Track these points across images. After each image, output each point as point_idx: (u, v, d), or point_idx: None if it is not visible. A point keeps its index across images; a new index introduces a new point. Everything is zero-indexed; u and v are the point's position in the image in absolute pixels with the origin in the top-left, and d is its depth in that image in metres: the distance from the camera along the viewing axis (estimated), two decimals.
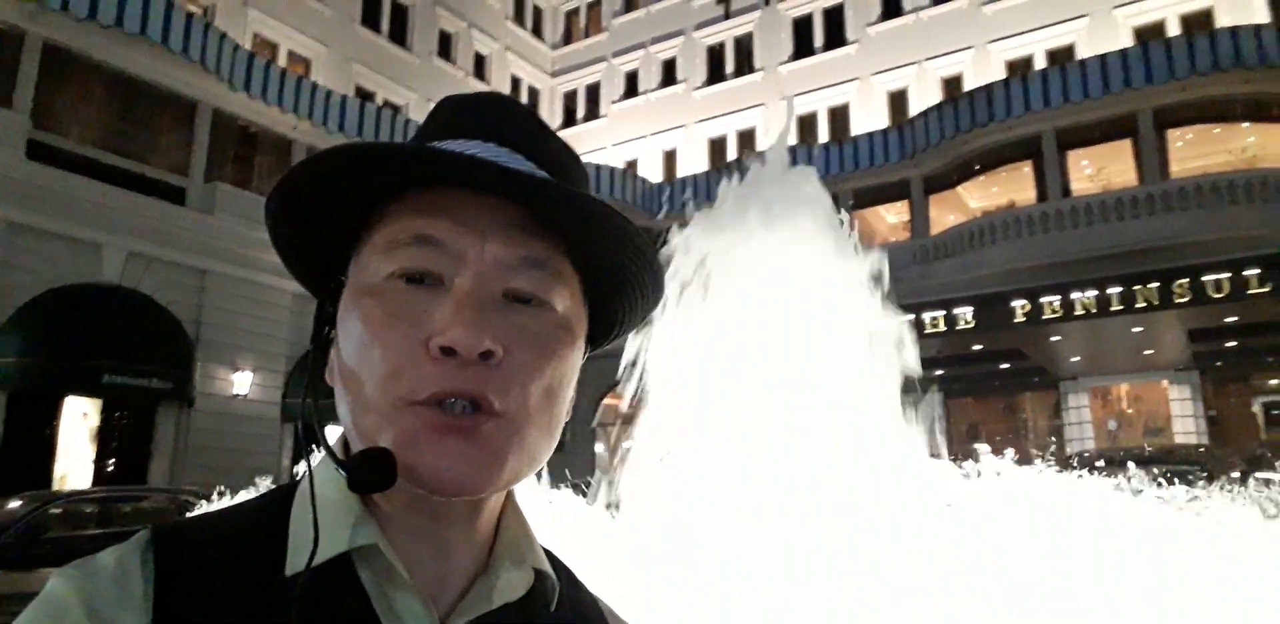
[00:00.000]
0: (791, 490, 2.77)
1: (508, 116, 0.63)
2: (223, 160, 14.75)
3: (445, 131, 0.62)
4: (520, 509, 0.63)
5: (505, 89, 24.95)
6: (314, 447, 0.57)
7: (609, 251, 0.59)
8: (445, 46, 23.28)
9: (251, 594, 0.50)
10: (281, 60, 18.00)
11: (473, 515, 0.58)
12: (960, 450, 3.53)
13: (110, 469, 12.93)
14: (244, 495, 5.86)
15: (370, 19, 20.84)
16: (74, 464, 12.71)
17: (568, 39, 27.61)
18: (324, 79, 18.30)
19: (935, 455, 3.19)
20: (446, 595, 0.56)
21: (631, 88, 25.81)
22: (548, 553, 0.64)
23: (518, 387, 0.54)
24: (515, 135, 0.61)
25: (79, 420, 12.95)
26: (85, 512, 8.45)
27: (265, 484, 5.82)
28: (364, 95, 19.76)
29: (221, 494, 6.45)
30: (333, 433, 0.57)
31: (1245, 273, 13.11)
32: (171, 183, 13.76)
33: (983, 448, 3.13)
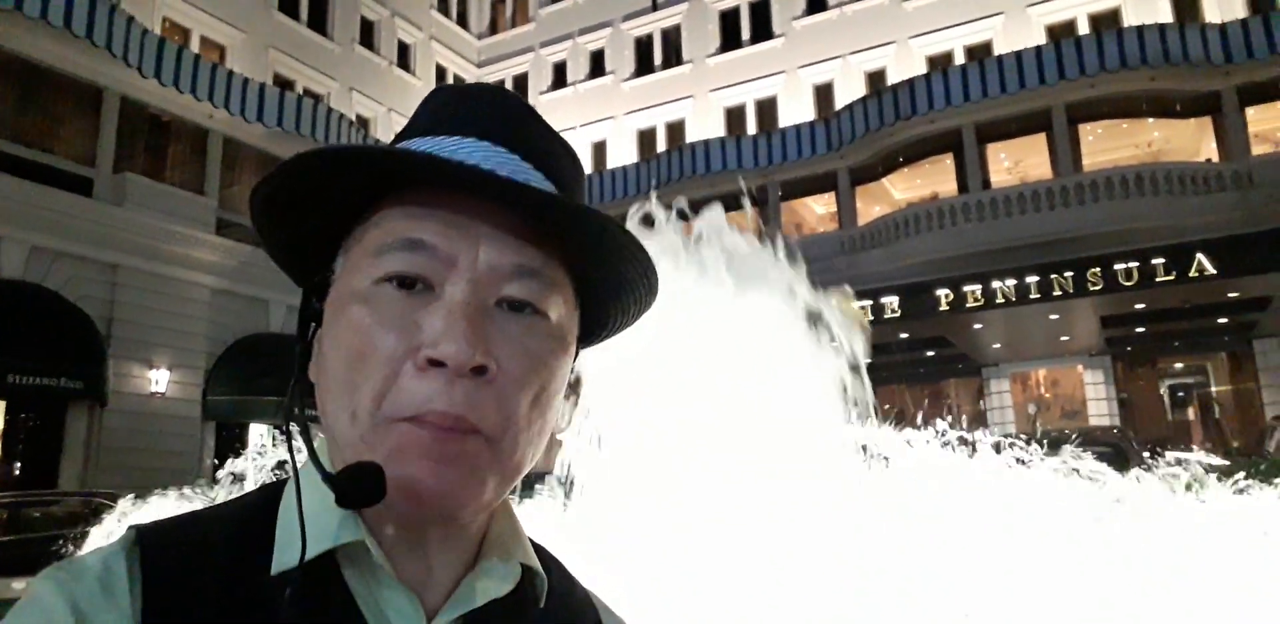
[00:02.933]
0: (728, 474, 2.79)
1: (503, 112, 0.61)
2: (133, 150, 14.13)
3: (438, 126, 0.60)
4: (510, 505, 0.62)
5: (430, 79, 24.51)
6: (290, 444, 0.56)
7: (605, 260, 0.58)
8: (368, 35, 22.71)
9: (237, 594, 0.50)
10: (194, 46, 17.29)
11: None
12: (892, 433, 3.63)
13: (16, 473, 12.32)
14: (155, 500, 5.64)
15: (288, 5, 20.15)
16: None
17: (494, 29, 27.25)
18: (240, 66, 17.65)
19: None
20: (434, 593, 0.55)
21: (560, 79, 25.64)
22: (539, 548, 0.63)
23: (507, 403, 0.53)
24: (510, 132, 0.60)
25: None
26: None
27: (186, 491, 5.60)
28: (283, 84, 19.13)
29: (133, 499, 6.15)
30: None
31: (1153, 261, 13.73)
32: (78, 173, 13.11)
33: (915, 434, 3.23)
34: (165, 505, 5.54)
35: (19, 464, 12.43)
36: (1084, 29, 18.24)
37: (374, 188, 0.56)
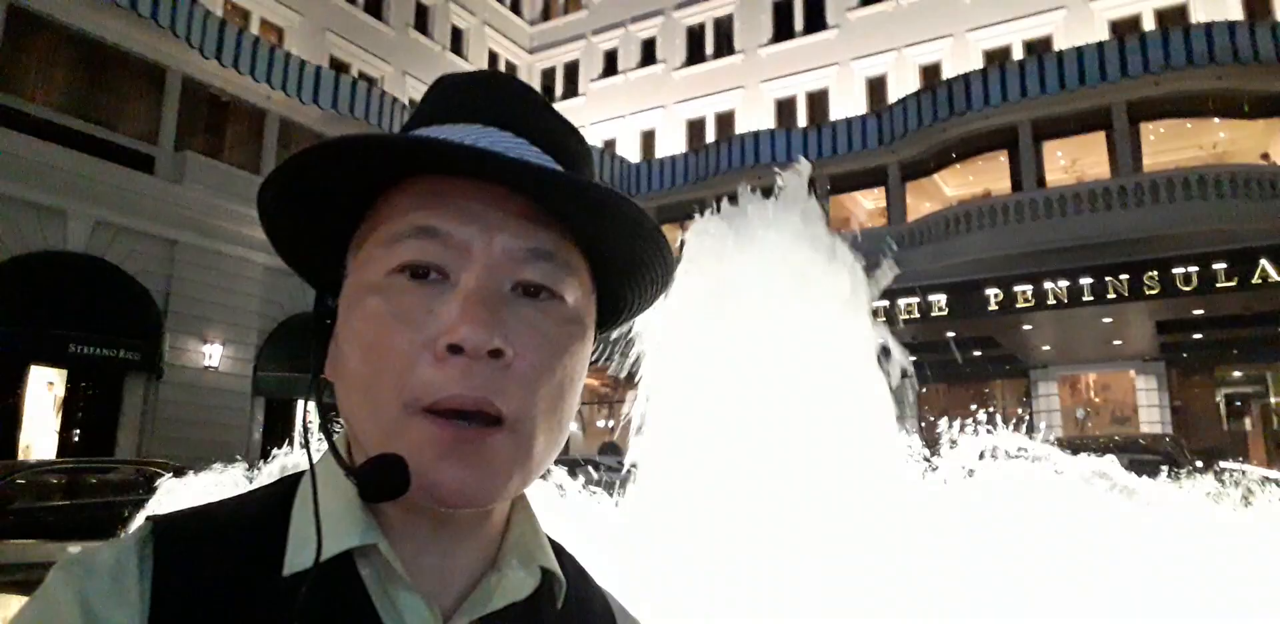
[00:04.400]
0: (784, 479, 2.80)
1: (508, 97, 0.61)
2: (193, 129, 14.44)
3: (444, 114, 0.60)
4: (530, 506, 0.61)
5: (482, 64, 24.64)
6: (308, 441, 0.56)
7: (619, 239, 0.57)
8: (422, 19, 22.89)
9: (250, 593, 0.49)
10: (254, 28, 17.58)
11: (480, 514, 0.56)
12: (931, 436, 3.60)
13: (76, 440, 12.73)
14: (211, 476, 5.77)
15: None
16: (39, 435, 12.51)
17: (546, 15, 27.29)
18: (297, 49, 17.93)
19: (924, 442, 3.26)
20: (451, 594, 0.55)
21: (610, 67, 25.60)
22: (557, 547, 0.62)
23: (527, 389, 0.52)
24: (516, 117, 0.59)
25: (44, 390, 12.73)
26: (52, 483, 8.31)
27: (239, 467, 5.72)
28: (338, 67, 19.38)
29: (185, 472, 6.30)
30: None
31: (1214, 266, 13.36)
32: (140, 150, 13.45)
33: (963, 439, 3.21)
34: (214, 480, 5.65)
35: (78, 432, 12.84)
36: (1149, 24, 17.76)
37: (381, 179, 0.56)
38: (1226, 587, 2.51)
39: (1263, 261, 12.99)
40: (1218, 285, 13.31)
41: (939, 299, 15.39)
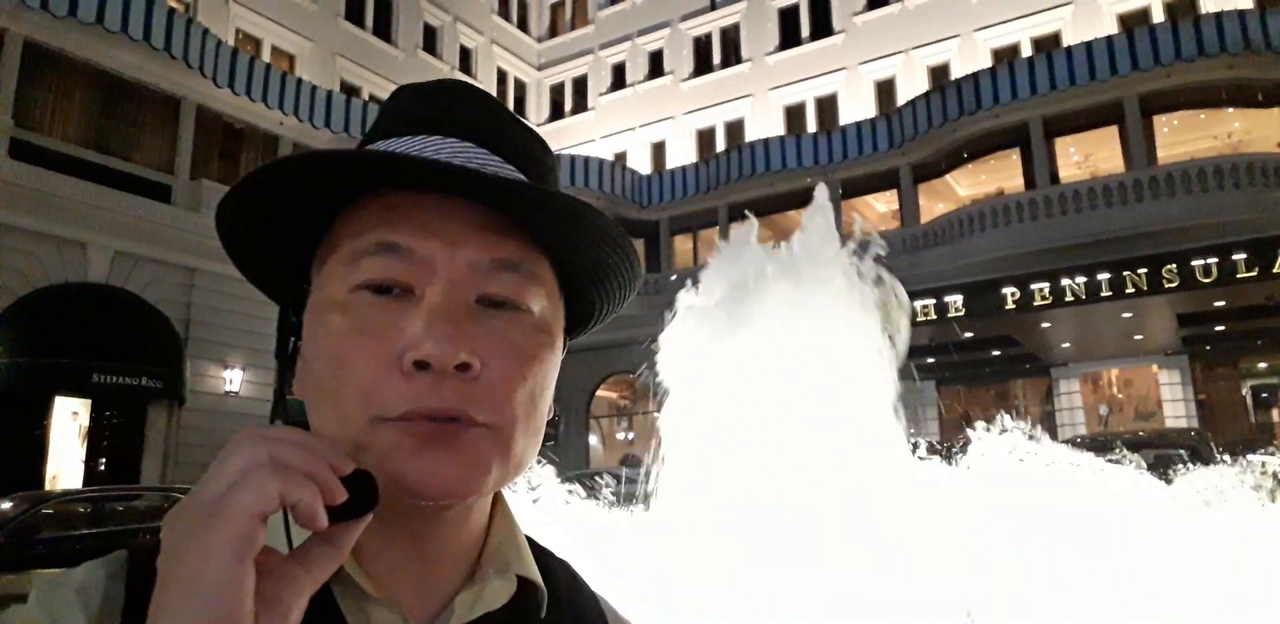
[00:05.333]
0: (801, 488, 2.82)
1: (468, 106, 0.60)
2: (208, 157, 14.66)
3: (404, 125, 0.59)
4: (511, 514, 0.61)
5: (491, 83, 24.84)
6: None
7: (586, 247, 0.57)
8: (430, 40, 23.14)
9: None
10: (265, 56, 17.85)
11: (457, 525, 0.56)
12: (953, 438, 3.58)
13: (101, 469, 12.88)
14: None
15: (354, 13, 20.67)
16: (65, 464, 12.66)
17: (553, 32, 27.47)
18: (308, 74, 18.18)
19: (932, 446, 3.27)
20: (428, 607, 0.54)
21: (619, 80, 25.72)
22: (547, 552, 0.62)
23: (499, 399, 0.52)
24: (477, 127, 0.59)
25: (69, 420, 12.89)
26: (78, 512, 8.40)
27: None
28: (349, 90, 19.63)
29: None
30: None
31: (1233, 257, 13.18)
32: (157, 180, 13.67)
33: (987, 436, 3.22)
34: None
35: (104, 460, 12.99)
36: (1158, 16, 17.61)
37: (342, 194, 0.55)
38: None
39: None
40: (1238, 276, 13.13)
41: (955, 299, 15.28)
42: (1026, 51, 18.71)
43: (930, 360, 16.73)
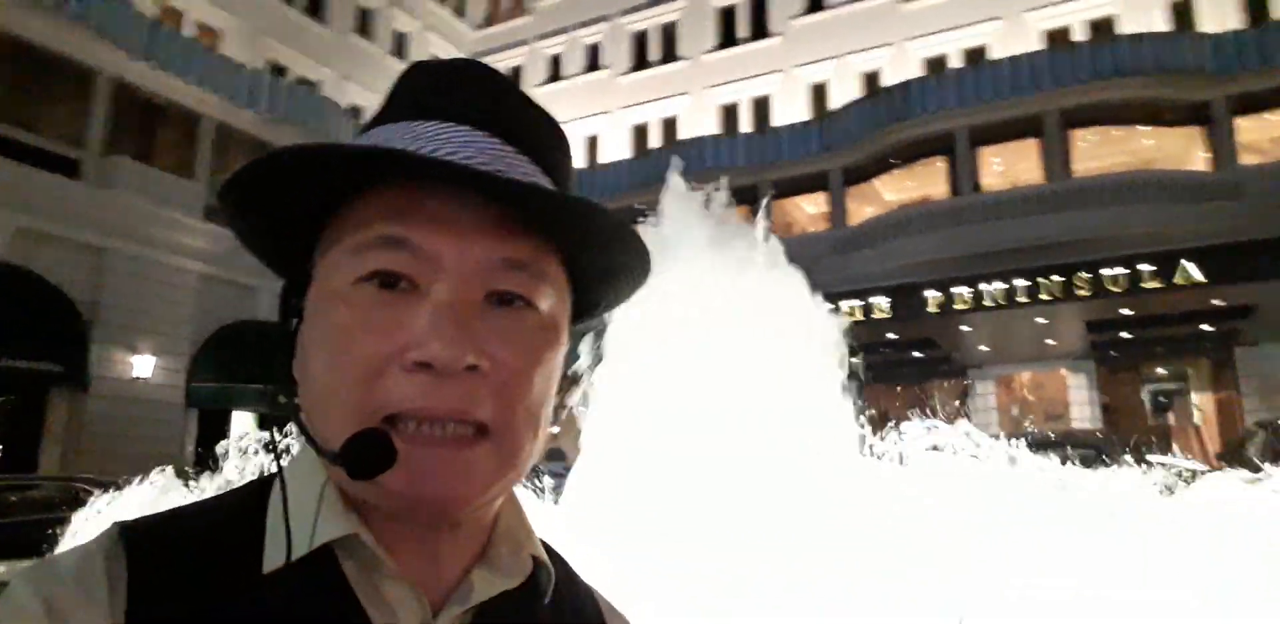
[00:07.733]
0: (737, 477, 2.83)
1: (483, 93, 0.58)
2: (124, 133, 14.00)
3: (415, 111, 0.57)
4: (517, 498, 0.61)
5: None
6: (276, 442, 0.56)
7: (599, 248, 0.56)
8: (364, 23, 22.59)
9: (229, 593, 0.49)
10: (188, 30, 17.16)
11: (469, 510, 0.55)
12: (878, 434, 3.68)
13: None
14: (134, 487, 5.57)
15: None
16: None
17: (490, 20, 27.14)
18: (234, 52, 17.51)
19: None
20: (440, 585, 0.54)
21: (555, 72, 25.55)
22: (545, 545, 0.62)
23: (506, 399, 0.51)
24: (493, 116, 0.57)
25: None
26: None
27: (166, 475, 5.52)
28: (277, 70, 19.01)
29: (120, 486, 6.08)
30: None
31: (1140, 268, 13.80)
32: (65, 154, 12.98)
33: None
34: (146, 495, 5.47)
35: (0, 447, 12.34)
36: (1080, 35, 18.30)
37: (351, 182, 0.54)
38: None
39: (1186, 263, 13.45)
40: (1144, 286, 13.76)
41: (880, 301, 15.64)
42: (956, 63, 19.23)
43: (853, 360, 17.05)
